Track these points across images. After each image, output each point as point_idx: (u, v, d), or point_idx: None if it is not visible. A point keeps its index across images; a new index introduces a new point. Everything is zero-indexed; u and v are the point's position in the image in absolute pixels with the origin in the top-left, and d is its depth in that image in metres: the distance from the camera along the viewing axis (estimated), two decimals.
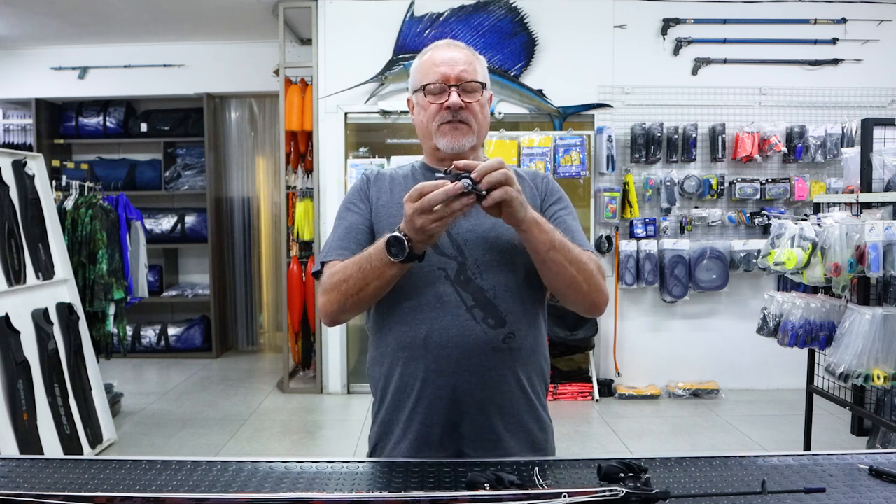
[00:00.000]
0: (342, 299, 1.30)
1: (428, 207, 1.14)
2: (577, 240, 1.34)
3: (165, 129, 6.28)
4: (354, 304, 1.31)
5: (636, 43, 4.93)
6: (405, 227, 1.19)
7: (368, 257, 1.26)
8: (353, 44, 4.90)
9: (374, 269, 1.25)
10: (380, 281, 1.26)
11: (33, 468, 1.18)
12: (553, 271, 1.28)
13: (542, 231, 1.24)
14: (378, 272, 1.25)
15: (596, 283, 1.31)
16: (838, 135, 4.80)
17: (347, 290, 1.29)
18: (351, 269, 1.28)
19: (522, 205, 1.20)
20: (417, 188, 1.16)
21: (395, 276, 1.26)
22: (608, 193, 4.80)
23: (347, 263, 1.30)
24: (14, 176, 3.52)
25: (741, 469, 1.17)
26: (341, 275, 1.30)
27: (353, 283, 1.28)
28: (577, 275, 1.28)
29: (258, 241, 6.70)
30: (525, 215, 1.21)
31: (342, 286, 1.29)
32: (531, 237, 1.24)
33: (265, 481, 1.12)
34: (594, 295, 1.32)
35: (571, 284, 1.29)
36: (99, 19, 5.40)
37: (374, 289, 1.27)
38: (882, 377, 2.66)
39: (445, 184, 1.15)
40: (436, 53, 1.40)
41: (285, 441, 4.11)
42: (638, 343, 5.01)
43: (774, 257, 3.03)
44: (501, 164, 1.18)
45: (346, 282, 1.29)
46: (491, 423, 1.32)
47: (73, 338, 3.65)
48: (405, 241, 1.19)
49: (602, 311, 1.37)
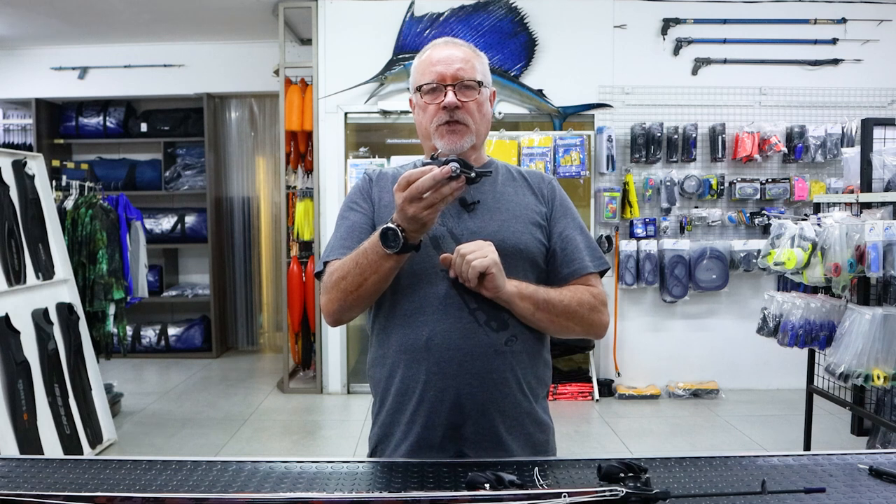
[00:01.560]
0: (342, 297, 1.30)
1: (417, 195, 1.14)
2: (584, 258, 1.38)
3: (165, 129, 6.28)
4: (355, 301, 1.31)
5: (636, 43, 4.93)
6: (398, 218, 1.19)
7: (364, 251, 1.25)
8: (353, 44, 4.90)
9: (371, 263, 1.24)
10: (378, 275, 1.25)
11: (33, 468, 1.18)
12: (542, 327, 1.35)
13: (524, 299, 1.30)
14: (375, 266, 1.24)
15: (588, 322, 1.37)
16: (838, 135, 4.80)
17: (346, 286, 1.28)
18: (349, 265, 1.28)
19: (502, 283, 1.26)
20: (405, 176, 1.16)
21: (392, 268, 1.25)
22: (608, 193, 4.80)
23: (345, 260, 1.30)
24: (14, 176, 3.51)
25: (741, 469, 1.17)
26: (340, 272, 1.30)
27: (352, 280, 1.27)
28: (567, 323, 1.35)
29: (258, 241, 6.70)
30: (504, 289, 1.27)
31: (341, 283, 1.29)
32: (513, 307, 1.31)
33: (265, 481, 1.12)
34: (589, 332, 1.39)
35: (563, 332, 1.37)
36: (99, 19, 5.40)
37: (373, 283, 1.27)
38: (882, 377, 2.66)
39: (433, 170, 1.14)
40: (433, 52, 1.39)
41: (285, 441, 4.11)
42: (638, 343, 5.01)
43: (774, 257, 3.03)
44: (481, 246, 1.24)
45: (344, 279, 1.29)
46: (492, 425, 1.32)
47: (73, 338, 3.64)
48: (399, 231, 1.19)
49: (601, 337, 1.43)
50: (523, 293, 1.29)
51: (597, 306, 1.36)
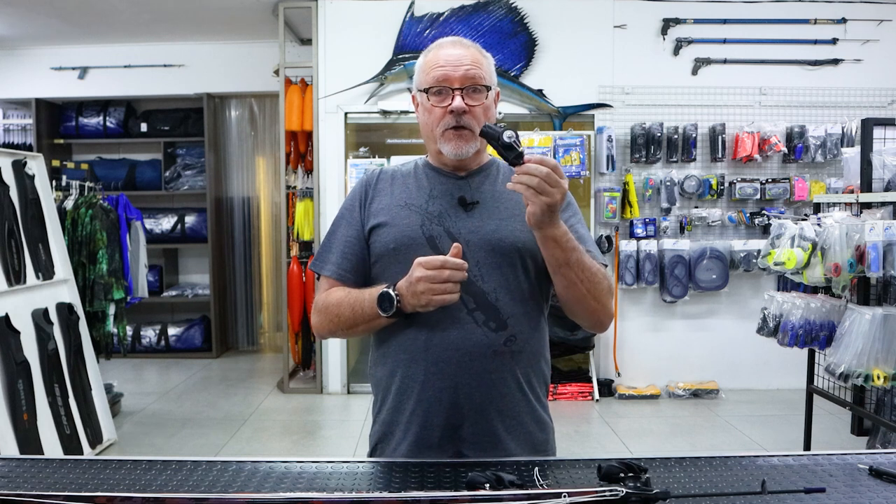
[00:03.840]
0: (333, 329, 1.39)
1: (442, 281, 1.20)
2: (591, 249, 1.36)
3: (165, 129, 6.28)
4: (343, 336, 1.43)
5: (636, 43, 4.93)
6: (402, 285, 1.25)
7: (361, 304, 1.32)
8: (353, 44, 4.90)
9: (365, 315, 1.32)
10: (368, 326, 1.34)
11: (33, 468, 1.18)
12: (562, 284, 1.30)
13: (566, 248, 1.26)
14: (367, 318, 1.32)
15: (605, 302, 1.33)
16: (838, 135, 4.80)
17: (340, 323, 1.37)
18: (345, 308, 1.35)
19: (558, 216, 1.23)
20: (440, 261, 1.21)
21: (382, 324, 1.33)
22: (608, 193, 4.80)
23: (342, 301, 1.35)
24: (14, 176, 3.51)
25: (741, 469, 1.17)
26: (336, 308, 1.36)
27: (345, 321, 1.35)
28: (586, 293, 1.30)
29: (258, 241, 6.70)
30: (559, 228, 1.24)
31: (335, 319, 1.37)
32: (553, 248, 1.26)
33: (265, 481, 1.12)
34: (601, 314, 1.34)
35: (579, 299, 1.31)
36: (99, 19, 5.40)
37: (363, 330, 1.36)
38: (882, 377, 2.66)
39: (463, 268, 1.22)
40: (440, 52, 1.37)
41: (285, 441, 4.11)
42: (638, 343, 5.01)
43: (774, 257, 3.03)
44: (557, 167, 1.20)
45: (339, 316, 1.36)
46: (491, 425, 1.32)
47: (73, 338, 3.64)
48: (395, 299, 1.26)
49: (605, 329, 1.40)
50: (560, 241, 1.25)
51: (610, 291, 1.35)
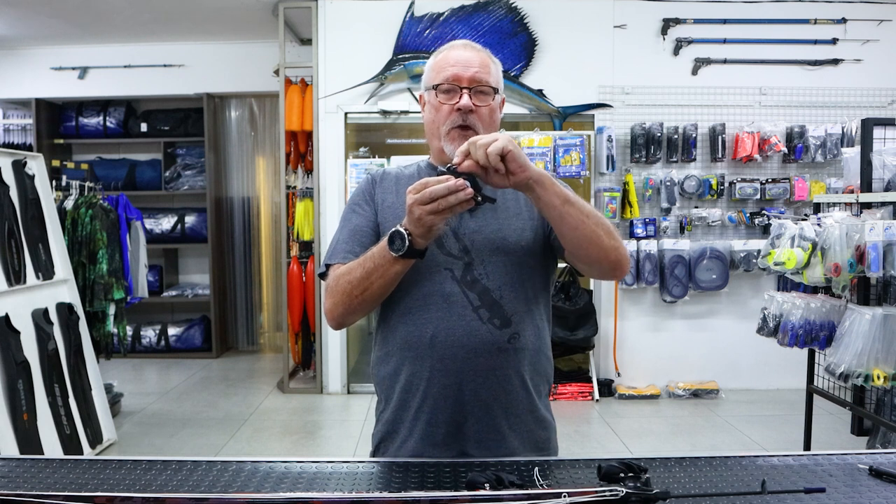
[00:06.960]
0: (347, 300, 1.31)
1: (427, 199, 1.15)
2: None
3: (165, 129, 6.28)
4: (359, 304, 1.31)
5: (636, 43, 4.93)
6: (406, 221, 1.20)
7: (372, 255, 1.27)
8: (353, 44, 4.90)
9: (378, 267, 1.25)
10: (383, 279, 1.26)
11: (33, 468, 1.18)
12: (571, 225, 1.24)
13: (554, 184, 1.23)
14: (381, 269, 1.25)
15: (616, 237, 1.29)
16: (838, 135, 4.80)
17: (352, 290, 1.29)
18: (355, 268, 1.29)
19: (526, 162, 1.19)
20: (422, 181, 1.17)
21: (398, 272, 1.26)
22: (608, 193, 4.80)
23: (352, 264, 1.31)
24: (14, 176, 3.51)
25: (741, 469, 1.17)
26: (346, 276, 1.31)
27: (358, 283, 1.28)
28: (595, 228, 1.25)
29: (258, 241, 6.70)
30: (532, 172, 1.20)
31: (347, 287, 1.30)
32: (544, 193, 1.22)
33: (265, 481, 1.12)
34: (616, 252, 1.28)
35: (592, 238, 1.26)
36: (99, 19, 5.40)
37: (379, 287, 1.28)
38: (882, 377, 2.66)
39: (450, 179, 1.16)
40: (451, 53, 1.40)
41: (285, 441, 4.11)
42: (638, 343, 5.01)
43: (774, 257, 3.03)
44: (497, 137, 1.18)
45: (350, 282, 1.30)
46: (495, 422, 1.33)
47: (73, 338, 3.64)
48: (406, 234, 1.20)
49: (626, 270, 1.33)
50: (553, 180, 1.23)
51: (616, 230, 1.32)
